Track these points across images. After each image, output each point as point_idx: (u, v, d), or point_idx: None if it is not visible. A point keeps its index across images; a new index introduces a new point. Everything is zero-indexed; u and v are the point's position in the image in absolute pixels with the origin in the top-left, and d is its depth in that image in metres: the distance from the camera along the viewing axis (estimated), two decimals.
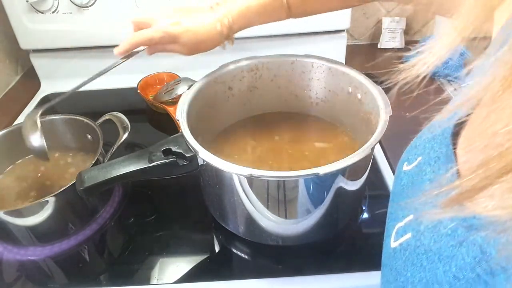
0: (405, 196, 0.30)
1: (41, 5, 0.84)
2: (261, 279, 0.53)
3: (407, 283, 0.25)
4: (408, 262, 0.25)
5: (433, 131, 0.30)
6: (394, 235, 0.29)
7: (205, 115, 0.61)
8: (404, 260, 0.26)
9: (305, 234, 0.53)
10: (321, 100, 0.67)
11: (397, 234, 0.28)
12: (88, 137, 0.68)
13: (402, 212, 0.29)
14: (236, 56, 0.65)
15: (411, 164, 0.31)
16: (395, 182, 0.33)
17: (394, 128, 0.50)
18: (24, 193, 0.64)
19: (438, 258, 0.23)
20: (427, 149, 0.29)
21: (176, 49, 0.56)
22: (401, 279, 0.26)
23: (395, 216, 0.30)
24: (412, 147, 0.33)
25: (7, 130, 0.67)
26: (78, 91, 0.67)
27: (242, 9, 0.53)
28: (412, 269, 0.25)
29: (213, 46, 0.56)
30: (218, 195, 0.53)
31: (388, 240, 0.29)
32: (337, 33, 0.94)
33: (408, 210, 0.28)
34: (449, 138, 0.27)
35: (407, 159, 0.32)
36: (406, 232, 0.27)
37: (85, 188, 0.48)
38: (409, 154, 0.32)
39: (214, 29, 0.53)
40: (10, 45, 0.93)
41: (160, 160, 0.49)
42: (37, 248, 0.59)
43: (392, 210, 0.31)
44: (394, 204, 0.31)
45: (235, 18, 0.53)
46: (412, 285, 0.25)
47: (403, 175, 0.31)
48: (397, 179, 0.33)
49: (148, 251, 0.58)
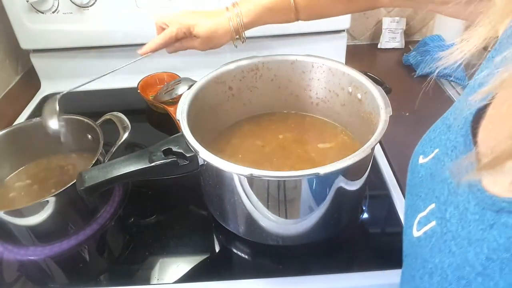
0: (425, 187, 0.31)
1: (42, 5, 0.84)
2: (261, 279, 0.53)
3: (436, 269, 0.26)
4: (435, 248, 0.26)
5: (448, 123, 0.31)
6: (416, 225, 0.30)
7: (205, 115, 0.61)
8: (430, 247, 0.27)
9: (305, 234, 0.53)
10: (321, 100, 0.67)
11: (420, 223, 0.29)
12: (88, 137, 0.68)
13: (423, 202, 0.30)
14: (236, 56, 0.65)
15: (428, 156, 0.32)
16: (411, 175, 0.34)
17: (394, 128, 0.50)
18: (25, 193, 0.65)
19: (468, 242, 0.24)
20: (443, 140, 0.31)
21: (192, 44, 0.60)
22: (429, 266, 0.26)
23: (416, 207, 0.31)
24: (427, 140, 0.34)
25: (7, 130, 0.67)
26: (77, 91, 0.68)
27: (254, 5, 0.57)
28: (440, 255, 0.25)
29: (225, 38, 0.59)
30: (218, 195, 0.53)
31: (410, 231, 0.30)
32: (337, 33, 0.94)
33: (429, 200, 0.29)
34: (468, 128, 0.28)
35: (423, 152, 0.33)
36: (429, 221, 0.28)
37: (86, 188, 0.48)
38: (424, 147, 0.34)
39: (226, 22, 0.57)
40: (10, 45, 0.93)
41: (160, 160, 0.49)
42: (37, 248, 0.59)
43: (411, 201, 0.33)
44: (413, 196, 0.32)
45: (246, 12, 0.57)
46: (441, 270, 0.25)
47: (420, 168, 0.33)
48: (413, 172, 0.34)
49: (148, 251, 0.58)
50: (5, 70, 0.93)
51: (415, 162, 0.34)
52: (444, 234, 0.26)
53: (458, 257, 0.24)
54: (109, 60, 0.96)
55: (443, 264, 0.25)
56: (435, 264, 0.26)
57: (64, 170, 0.68)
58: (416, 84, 0.92)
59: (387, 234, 0.60)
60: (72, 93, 0.96)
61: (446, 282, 0.24)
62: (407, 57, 0.98)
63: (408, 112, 0.82)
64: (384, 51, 1.08)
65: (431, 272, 0.26)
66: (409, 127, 0.77)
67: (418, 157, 0.34)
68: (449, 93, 0.88)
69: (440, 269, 0.25)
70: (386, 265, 0.54)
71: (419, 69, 0.93)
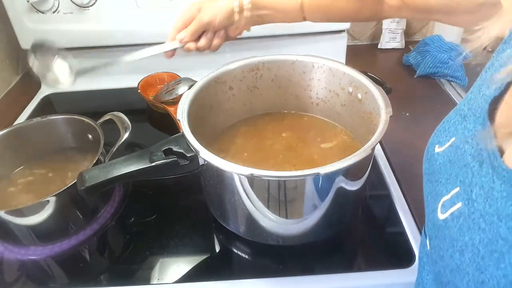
0: (444, 173, 0.32)
1: (42, 5, 0.84)
2: (261, 279, 0.53)
3: (466, 246, 0.27)
4: (464, 227, 0.27)
5: (462, 113, 0.33)
6: (440, 208, 0.31)
7: (205, 115, 0.61)
8: (458, 227, 0.28)
9: (306, 234, 0.53)
10: (321, 100, 0.67)
11: (444, 207, 0.30)
12: (89, 137, 0.68)
13: (445, 187, 0.31)
14: (237, 56, 0.65)
15: (444, 145, 0.34)
16: (428, 164, 0.36)
17: (395, 128, 0.50)
18: (26, 193, 0.65)
19: (498, 218, 0.25)
20: (460, 130, 0.32)
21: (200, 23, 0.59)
22: (458, 244, 0.28)
23: (437, 192, 0.32)
24: (441, 130, 0.36)
25: (8, 130, 0.67)
26: (78, 91, 0.68)
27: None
28: (470, 233, 0.27)
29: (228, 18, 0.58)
30: (219, 195, 0.53)
31: (434, 214, 0.32)
32: (337, 33, 0.95)
33: (452, 184, 0.30)
34: (485, 116, 0.29)
35: (438, 141, 0.35)
36: (454, 203, 0.29)
37: (86, 187, 0.48)
38: (439, 137, 0.35)
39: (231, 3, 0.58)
40: (11, 45, 0.93)
41: (161, 160, 0.49)
42: (37, 248, 0.59)
43: (431, 188, 0.34)
44: (432, 183, 0.34)
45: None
46: (472, 247, 0.26)
47: (437, 156, 0.34)
48: (430, 161, 0.36)
49: (149, 251, 0.58)
50: (5, 70, 0.93)
51: (431, 151, 0.36)
52: (471, 213, 0.27)
53: (488, 233, 0.25)
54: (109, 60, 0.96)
55: (473, 241, 0.26)
56: (465, 242, 0.27)
57: (64, 170, 0.68)
58: (416, 84, 0.93)
59: (387, 234, 0.60)
60: (73, 93, 0.96)
61: (478, 257, 0.26)
62: (407, 57, 0.98)
63: (408, 112, 0.82)
64: (384, 51, 1.08)
65: (462, 249, 0.27)
66: (409, 127, 0.77)
67: (434, 146, 0.36)
68: (449, 93, 0.88)
69: (471, 246, 0.26)
70: (386, 265, 0.54)
71: (419, 69, 0.93)
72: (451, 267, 0.28)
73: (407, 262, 0.54)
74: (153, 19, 0.88)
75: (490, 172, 0.27)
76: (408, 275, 0.52)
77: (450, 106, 0.36)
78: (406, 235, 0.58)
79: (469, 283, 0.26)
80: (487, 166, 0.27)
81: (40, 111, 0.91)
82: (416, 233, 0.58)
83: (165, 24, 0.89)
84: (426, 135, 0.39)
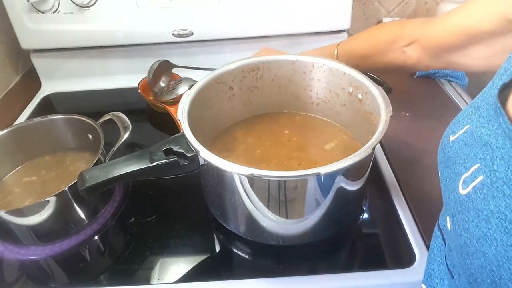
0: (461, 155, 0.33)
1: (42, 5, 0.84)
2: (261, 279, 0.53)
3: (492, 213, 0.27)
4: (488, 197, 0.28)
5: (476, 105, 0.34)
6: (461, 185, 0.32)
7: (206, 115, 0.61)
8: (482, 197, 0.29)
9: (306, 234, 0.53)
10: (321, 100, 0.67)
11: (465, 183, 0.31)
12: (89, 136, 0.68)
13: (464, 166, 0.32)
14: (237, 56, 0.65)
15: (457, 133, 0.35)
16: (443, 153, 0.37)
17: (395, 128, 0.50)
18: (26, 193, 0.65)
19: None
20: (475, 118, 0.33)
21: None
22: (484, 213, 0.28)
23: (457, 173, 0.33)
24: (456, 122, 0.36)
25: (8, 130, 0.67)
26: (78, 91, 0.68)
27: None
28: (495, 201, 0.27)
29: None
30: (219, 195, 0.53)
31: (455, 193, 0.32)
32: (337, 33, 0.95)
33: (471, 162, 0.31)
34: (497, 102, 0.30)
35: (452, 132, 0.36)
36: (476, 177, 0.30)
37: (86, 187, 0.48)
38: (453, 128, 0.36)
39: None
40: (11, 45, 0.93)
41: (161, 160, 0.49)
42: (38, 248, 0.59)
43: (448, 172, 0.35)
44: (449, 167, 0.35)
45: None
46: (498, 213, 0.27)
47: (452, 144, 0.35)
48: (444, 150, 0.36)
49: (149, 251, 0.58)
50: (5, 70, 0.93)
51: (446, 142, 0.37)
52: (494, 182, 0.28)
53: None
54: (109, 60, 0.96)
55: (499, 207, 0.27)
56: (491, 209, 0.28)
57: (64, 170, 0.68)
58: (416, 84, 0.93)
59: (387, 234, 0.60)
60: (73, 93, 0.96)
61: (506, 222, 0.26)
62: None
63: (408, 112, 0.82)
64: None
65: (487, 217, 0.28)
66: (409, 127, 0.77)
67: (448, 137, 0.36)
68: (449, 93, 0.88)
69: (497, 213, 0.27)
70: (386, 265, 0.54)
71: None
72: (477, 236, 0.29)
73: (407, 262, 0.54)
74: (153, 19, 0.88)
75: (508, 143, 0.28)
76: (408, 275, 0.52)
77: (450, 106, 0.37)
78: (406, 235, 0.58)
79: (497, 248, 0.26)
80: (504, 139, 0.28)
81: (40, 111, 0.91)
82: (416, 233, 0.58)
83: (165, 24, 0.90)
84: (426, 135, 0.39)
